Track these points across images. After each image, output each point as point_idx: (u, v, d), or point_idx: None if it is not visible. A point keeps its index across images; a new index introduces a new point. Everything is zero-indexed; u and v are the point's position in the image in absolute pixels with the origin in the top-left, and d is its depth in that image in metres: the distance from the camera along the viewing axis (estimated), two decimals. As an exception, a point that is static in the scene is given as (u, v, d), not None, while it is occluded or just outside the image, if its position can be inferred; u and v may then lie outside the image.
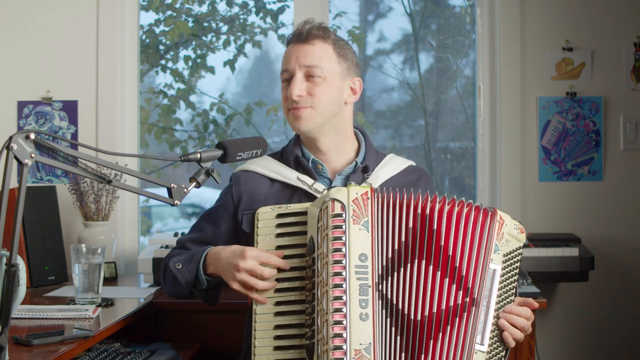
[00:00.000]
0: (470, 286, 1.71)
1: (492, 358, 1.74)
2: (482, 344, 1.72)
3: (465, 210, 1.74)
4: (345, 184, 1.98)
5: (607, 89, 3.19)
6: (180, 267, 1.94)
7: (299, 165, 2.02)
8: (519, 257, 1.81)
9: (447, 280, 1.70)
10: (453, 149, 3.52)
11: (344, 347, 1.64)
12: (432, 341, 1.68)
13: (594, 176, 3.19)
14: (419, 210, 1.72)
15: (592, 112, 3.18)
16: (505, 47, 3.20)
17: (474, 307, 1.71)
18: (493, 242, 1.74)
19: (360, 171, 2.03)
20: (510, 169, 3.19)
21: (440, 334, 1.69)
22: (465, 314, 1.70)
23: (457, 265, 1.71)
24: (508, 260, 1.78)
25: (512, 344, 1.77)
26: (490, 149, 3.27)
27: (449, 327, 1.69)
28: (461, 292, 1.70)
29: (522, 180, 3.19)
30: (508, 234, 1.78)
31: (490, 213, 1.76)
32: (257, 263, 1.77)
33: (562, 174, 3.19)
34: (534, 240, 2.93)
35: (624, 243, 3.18)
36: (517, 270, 1.80)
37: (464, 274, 1.71)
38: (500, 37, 3.21)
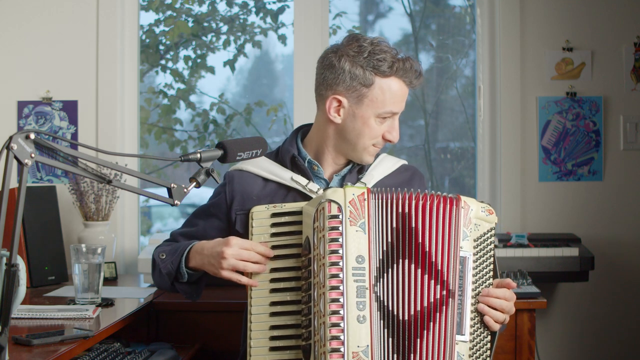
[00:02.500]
0: (445, 279, 1.71)
1: (476, 345, 1.74)
2: (462, 333, 1.71)
3: (435, 202, 1.73)
4: (342, 184, 1.98)
5: (607, 89, 3.19)
6: (164, 257, 1.95)
7: (295, 165, 2.01)
8: (491, 239, 1.78)
9: (426, 277, 1.70)
10: (453, 149, 3.51)
11: (342, 349, 1.64)
12: (418, 339, 1.68)
13: (594, 176, 3.19)
14: (400, 209, 1.72)
15: (592, 112, 3.18)
16: (505, 47, 3.19)
17: (451, 299, 1.71)
18: (460, 230, 1.73)
19: (356, 172, 2.03)
20: (510, 169, 3.19)
21: (425, 331, 1.68)
22: (444, 307, 1.70)
23: (434, 260, 1.71)
24: (480, 245, 1.76)
25: (495, 327, 1.76)
26: (490, 149, 3.27)
27: (431, 323, 1.69)
28: (439, 286, 1.70)
29: (522, 180, 3.19)
30: (476, 218, 1.76)
31: (454, 201, 1.74)
32: (241, 249, 1.78)
33: (562, 174, 3.19)
34: (534, 240, 2.93)
35: (624, 243, 3.18)
36: (491, 253, 1.78)
37: (440, 268, 1.71)
38: (500, 37, 3.21)
